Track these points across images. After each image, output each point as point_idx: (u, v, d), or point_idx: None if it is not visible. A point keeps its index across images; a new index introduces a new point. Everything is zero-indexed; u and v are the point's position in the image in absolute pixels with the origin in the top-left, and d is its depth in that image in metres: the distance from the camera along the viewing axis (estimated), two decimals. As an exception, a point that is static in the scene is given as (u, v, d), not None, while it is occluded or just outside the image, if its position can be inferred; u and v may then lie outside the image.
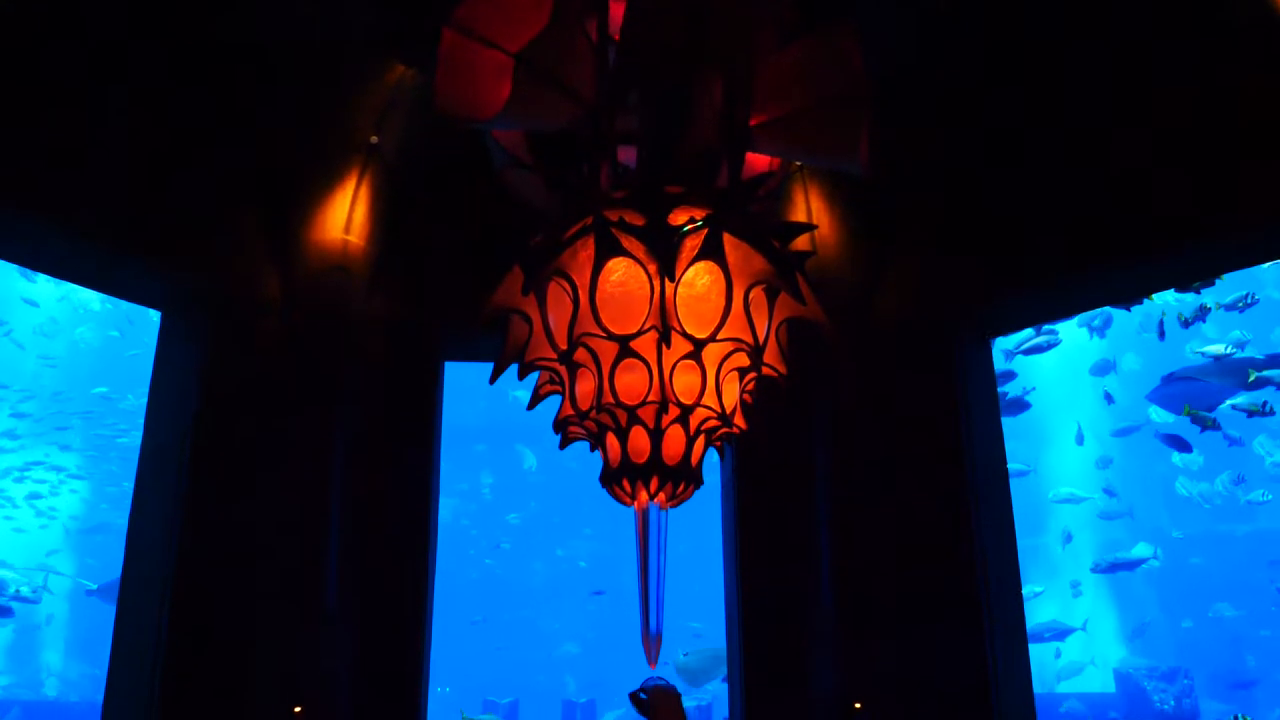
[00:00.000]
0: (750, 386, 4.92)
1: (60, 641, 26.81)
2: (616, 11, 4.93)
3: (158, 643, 8.00)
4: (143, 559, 8.39)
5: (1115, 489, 26.19)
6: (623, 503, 4.91)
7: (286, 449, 8.44)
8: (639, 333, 4.49)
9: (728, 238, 4.59)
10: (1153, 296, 18.96)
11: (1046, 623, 23.35)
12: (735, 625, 9.00)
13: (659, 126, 4.91)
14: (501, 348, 5.11)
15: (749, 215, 4.91)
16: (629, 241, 4.51)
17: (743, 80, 4.89)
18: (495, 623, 31.18)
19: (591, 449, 5.07)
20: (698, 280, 4.58)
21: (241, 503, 8.28)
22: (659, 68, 4.81)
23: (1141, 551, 24.01)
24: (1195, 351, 21.09)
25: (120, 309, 26.75)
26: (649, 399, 4.52)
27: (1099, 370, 24.92)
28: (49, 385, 27.27)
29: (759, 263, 4.71)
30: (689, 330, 4.53)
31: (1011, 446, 9.81)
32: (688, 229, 4.58)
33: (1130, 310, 22.76)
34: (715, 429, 4.73)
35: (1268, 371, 19.74)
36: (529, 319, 4.91)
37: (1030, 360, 21.56)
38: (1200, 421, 19.46)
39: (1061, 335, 21.15)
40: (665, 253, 4.48)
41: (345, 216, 8.86)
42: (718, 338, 4.57)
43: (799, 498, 8.91)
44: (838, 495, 8.83)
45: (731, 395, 4.79)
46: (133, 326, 27.54)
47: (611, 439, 4.70)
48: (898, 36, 8.20)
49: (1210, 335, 22.85)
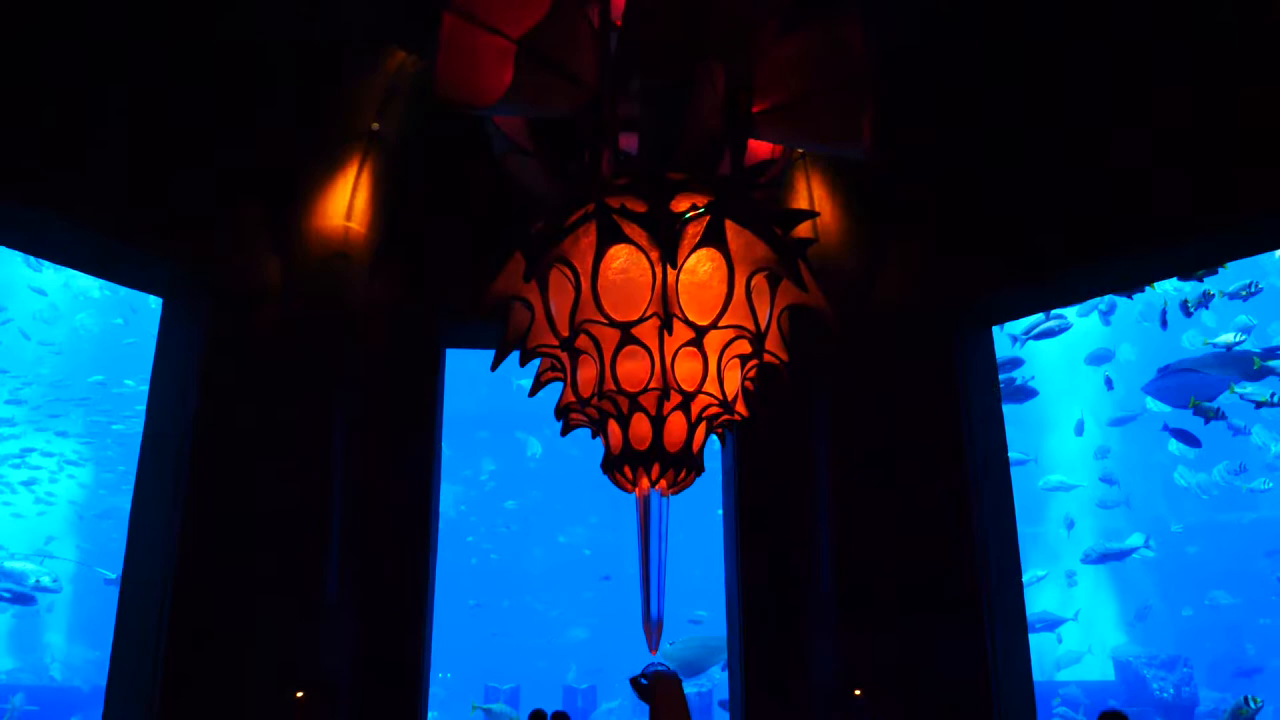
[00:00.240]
0: (752, 373, 4.91)
1: (64, 627, 26.90)
2: (618, -3, 4.92)
3: (160, 629, 8.03)
4: (145, 545, 8.41)
5: (1114, 478, 26.17)
6: (624, 489, 4.92)
7: (287, 435, 8.45)
8: (641, 319, 4.48)
9: (730, 225, 4.59)
10: (1155, 285, 18.96)
11: (1038, 613, 23.33)
12: (735, 612, 9.02)
13: (661, 113, 4.90)
14: (503, 334, 5.11)
15: (751, 202, 4.90)
16: (631, 228, 4.50)
17: (745, 67, 4.88)
18: (494, 609, 31.29)
19: (593, 436, 5.08)
20: (700, 267, 4.57)
21: (243, 489, 8.29)
22: (661, 54, 4.79)
23: (1133, 541, 23.99)
24: (1207, 342, 20.96)
25: (119, 295, 26.73)
26: (650, 386, 4.52)
27: (1095, 360, 24.82)
28: (48, 372, 27.29)
29: (761, 250, 4.70)
30: (691, 317, 4.53)
31: (1011, 435, 9.82)
32: (690, 216, 4.57)
33: (1132, 298, 22.68)
34: (717, 416, 4.73)
35: (1271, 362, 19.70)
36: (530, 306, 4.91)
37: (1031, 348, 21.47)
38: (1204, 413, 19.39)
39: (1070, 320, 20.91)
40: (667, 239, 4.48)
41: (346, 203, 8.85)
42: (719, 325, 4.57)
43: (799, 485, 8.93)
44: (838, 483, 8.84)
45: (733, 382, 4.79)
46: (135, 314, 27.55)
47: (613, 425, 4.70)
48: (899, 28, 8.18)
49: (1210, 325, 22.82)
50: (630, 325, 4.49)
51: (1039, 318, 20.18)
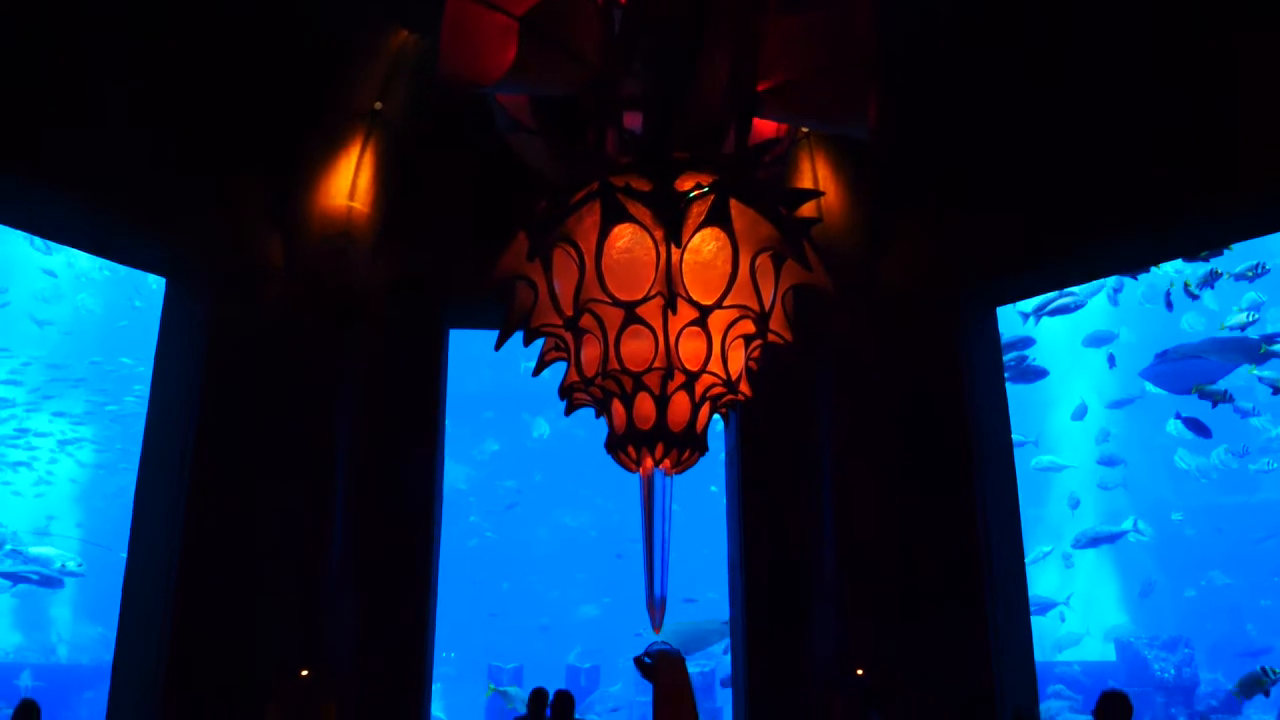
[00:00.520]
0: (756, 353, 4.91)
1: (69, 603, 27.02)
2: (623, -26, 4.87)
3: (165, 606, 8.08)
4: (150, 523, 8.45)
5: (1114, 459, 26.11)
6: (628, 469, 4.93)
7: (290, 415, 8.47)
8: (645, 299, 4.48)
9: (734, 204, 4.57)
10: (1159, 266, 18.86)
11: (1034, 596, 23.21)
12: (738, 591, 9.05)
13: (665, 92, 4.87)
14: (506, 314, 5.11)
15: (756, 181, 4.88)
16: (635, 207, 4.49)
17: (750, 45, 4.84)
18: (496, 589, 31.39)
19: (597, 415, 5.08)
20: (704, 246, 4.56)
21: (246, 469, 8.32)
22: (666, 32, 4.76)
23: (1124, 525, 23.98)
24: (1224, 326, 20.76)
25: (119, 275, 26.67)
26: (654, 365, 4.52)
27: (1094, 341, 24.68)
28: (47, 352, 27.30)
29: (765, 229, 4.68)
30: (695, 296, 4.52)
31: (1014, 415, 9.80)
32: (694, 195, 4.55)
33: (1136, 279, 22.55)
34: (720, 395, 4.73)
35: (1275, 346, 19.61)
36: (534, 285, 4.90)
37: (1036, 329, 21.32)
38: (1210, 396, 19.28)
39: (1083, 298, 20.57)
40: (671, 219, 4.46)
41: (349, 183, 8.83)
42: (724, 304, 4.56)
43: (802, 466, 8.93)
44: (840, 463, 8.84)
45: (737, 362, 4.78)
46: (138, 293, 27.53)
47: (617, 405, 4.70)
48: (902, 5, 8.10)
49: (1214, 308, 22.68)
50: (634, 305, 4.48)
51: (1052, 294, 19.83)
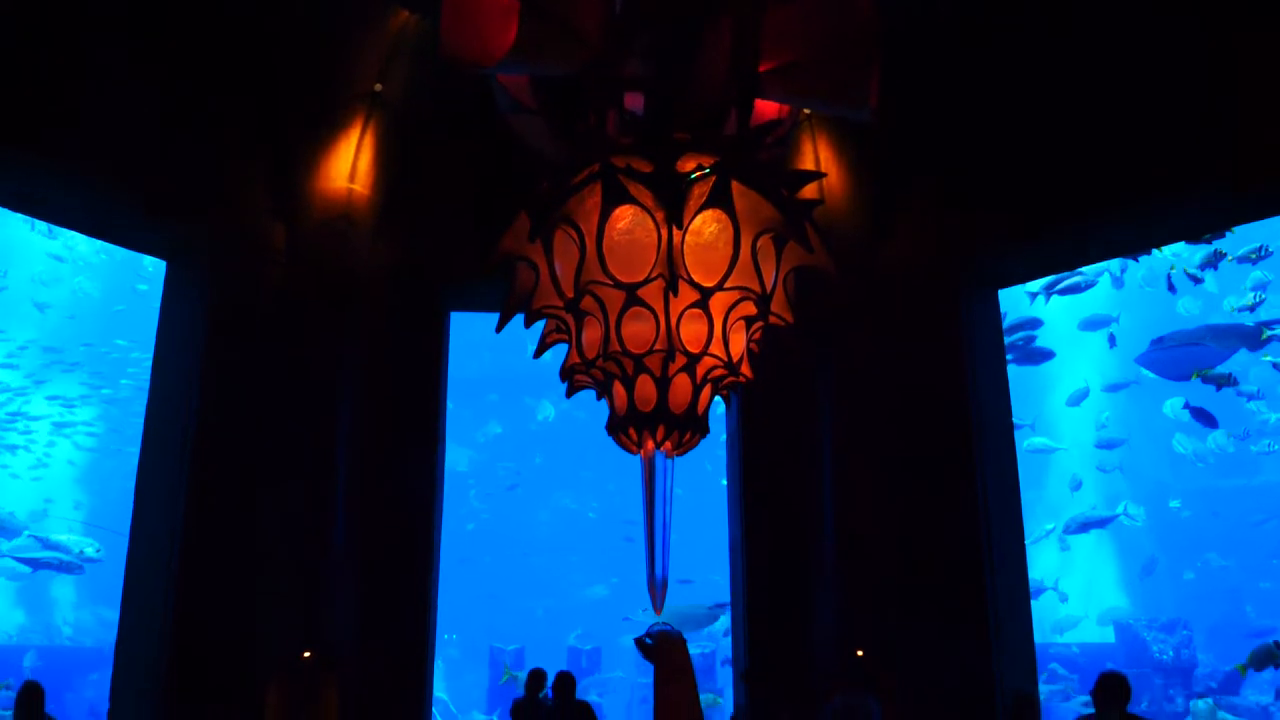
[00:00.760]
0: (757, 335, 4.91)
1: (73, 584, 27.11)
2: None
3: (167, 591, 8.10)
4: (152, 505, 8.47)
5: (1112, 442, 26.10)
6: (629, 451, 4.94)
7: (292, 398, 8.46)
8: (646, 281, 4.48)
9: (736, 185, 4.56)
10: (1161, 249, 18.79)
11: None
12: (739, 572, 9.08)
13: (667, 72, 4.85)
14: (507, 296, 5.11)
15: (757, 163, 4.87)
16: (636, 189, 4.48)
17: (752, 25, 4.82)
18: (496, 571, 31.49)
19: (598, 397, 5.09)
20: (705, 228, 4.56)
21: (247, 451, 8.32)
22: (667, 12, 4.73)
23: (1115, 510, 24.00)
24: (1234, 309, 20.65)
25: (115, 259, 26.61)
26: (656, 347, 4.53)
27: (1090, 325, 24.61)
28: (42, 335, 27.33)
29: (767, 211, 4.68)
30: (696, 278, 4.52)
31: (1015, 398, 9.80)
32: (696, 176, 4.54)
33: (1138, 260, 22.45)
34: (722, 378, 4.74)
35: (1277, 330, 19.55)
36: (535, 266, 4.90)
37: (1041, 310, 21.23)
38: (1215, 380, 19.20)
39: (1093, 277, 20.39)
40: (673, 200, 4.46)
41: (349, 165, 8.80)
42: (725, 286, 4.56)
43: (803, 449, 8.93)
44: (841, 445, 8.84)
45: (738, 344, 4.79)
46: (141, 277, 27.49)
47: (618, 387, 4.71)
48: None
49: (1213, 291, 22.59)
50: (635, 286, 4.49)
51: (1062, 273, 19.64)
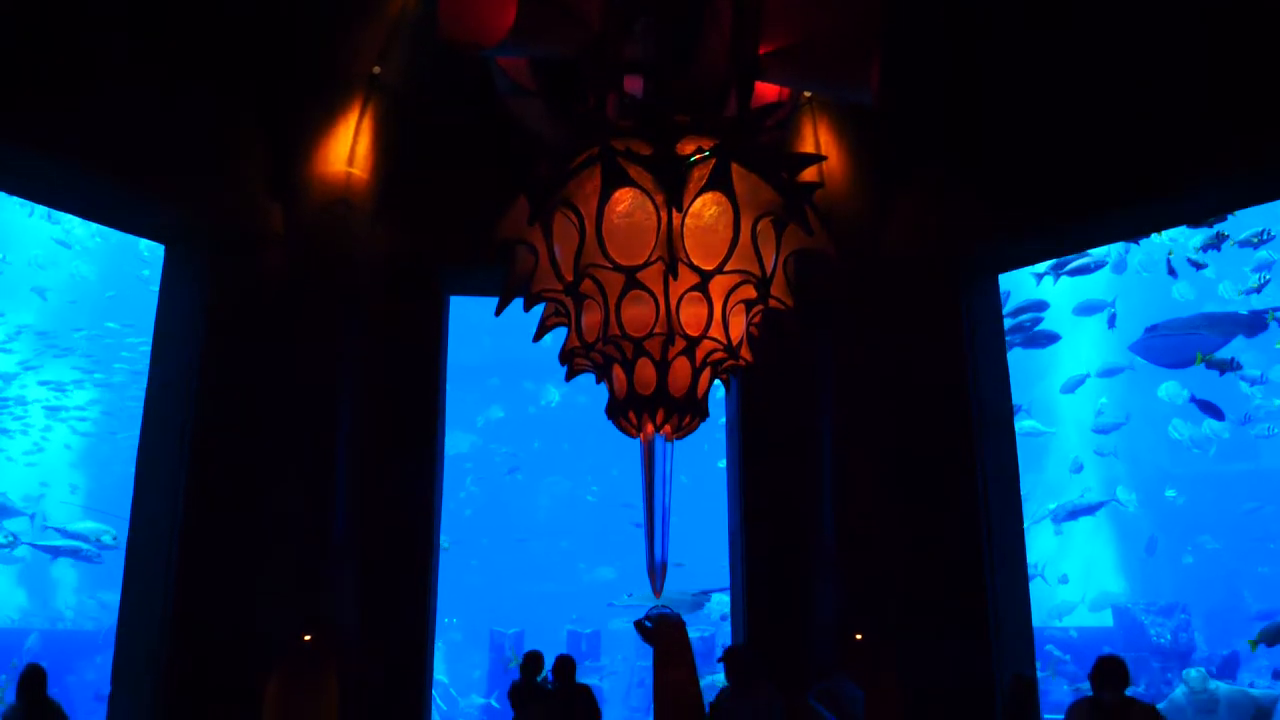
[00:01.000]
0: (757, 319, 4.91)
1: (74, 570, 27.19)
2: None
3: (167, 576, 8.12)
4: (152, 488, 8.48)
5: (1109, 427, 26.10)
6: (628, 434, 4.94)
7: (291, 382, 8.46)
8: (646, 264, 4.47)
9: (736, 168, 4.55)
10: (1161, 234, 18.75)
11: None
12: (739, 559, 9.10)
13: (667, 55, 4.83)
14: (506, 279, 5.10)
15: (758, 146, 4.85)
16: (636, 171, 4.47)
17: (753, 7, 4.79)
18: (494, 555, 31.57)
19: (597, 381, 5.08)
20: (705, 211, 4.54)
21: (247, 435, 8.33)
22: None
23: (1105, 497, 24.05)
24: (1241, 292, 20.60)
25: (111, 242, 26.55)
26: (655, 331, 4.52)
27: (1084, 310, 24.56)
28: (39, 319, 27.33)
29: (767, 194, 4.67)
30: (696, 262, 4.51)
31: (1015, 382, 9.79)
32: (695, 159, 4.53)
33: (1138, 243, 22.41)
34: (721, 361, 4.73)
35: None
36: (535, 250, 4.89)
37: (1042, 294, 21.20)
38: (1218, 365, 19.16)
39: (1101, 258, 20.33)
40: (673, 183, 4.44)
41: (348, 149, 8.77)
42: (725, 269, 4.55)
43: (803, 433, 8.94)
44: (841, 429, 8.85)
45: (738, 327, 4.79)
46: (144, 263, 27.46)
47: (618, 371, 4.71)
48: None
49: (1209, 276, 22.53)
50: (635, 270, 4.48)
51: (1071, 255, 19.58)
